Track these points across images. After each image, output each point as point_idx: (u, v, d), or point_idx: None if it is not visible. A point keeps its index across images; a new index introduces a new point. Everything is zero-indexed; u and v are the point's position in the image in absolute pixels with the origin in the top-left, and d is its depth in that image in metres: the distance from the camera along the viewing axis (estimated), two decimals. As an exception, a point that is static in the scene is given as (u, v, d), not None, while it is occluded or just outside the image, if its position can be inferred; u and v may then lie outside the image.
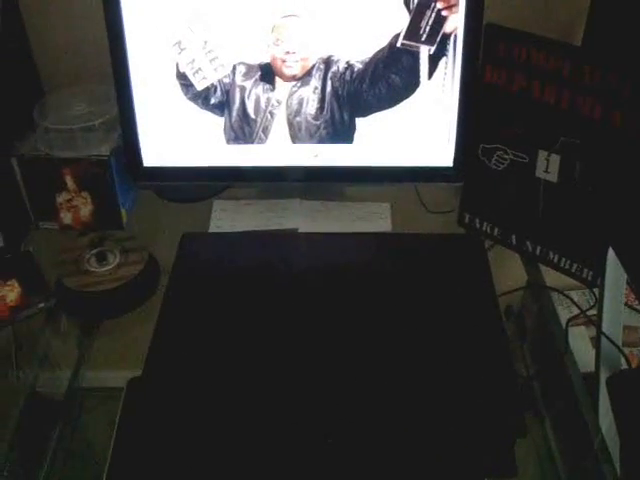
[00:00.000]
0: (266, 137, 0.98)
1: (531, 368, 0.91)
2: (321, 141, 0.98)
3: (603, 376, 0.81)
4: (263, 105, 0.96)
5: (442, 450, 0.71)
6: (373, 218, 1.06)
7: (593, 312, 0.91)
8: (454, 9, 0.90)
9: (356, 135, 0.98)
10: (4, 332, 0.90)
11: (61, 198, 1.01)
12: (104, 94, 1.00)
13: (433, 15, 0.90)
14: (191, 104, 0.96)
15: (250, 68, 0.94)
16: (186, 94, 0.95)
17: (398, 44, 0.92)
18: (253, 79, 0.95)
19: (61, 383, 0.88)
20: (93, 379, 0.90)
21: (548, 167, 0.89)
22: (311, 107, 0.96)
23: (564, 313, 0.94)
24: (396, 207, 1.07)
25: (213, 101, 0.96)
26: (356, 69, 0.93)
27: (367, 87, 0.94)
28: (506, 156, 0.92)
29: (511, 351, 0.80)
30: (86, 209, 1.02)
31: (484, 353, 0.77)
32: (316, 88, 0.95)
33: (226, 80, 0.94)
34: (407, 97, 0.95)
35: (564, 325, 0.90)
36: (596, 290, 0.91)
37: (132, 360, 0.80)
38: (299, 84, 0.95)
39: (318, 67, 0.94)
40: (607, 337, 0.82)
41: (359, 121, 0.97)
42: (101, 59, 0.93)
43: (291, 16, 0.91)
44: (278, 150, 0.99)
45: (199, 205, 1.10)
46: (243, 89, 0.95)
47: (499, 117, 0.91)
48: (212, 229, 1.05)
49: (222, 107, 0.96)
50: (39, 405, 0.87)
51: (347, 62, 0.93)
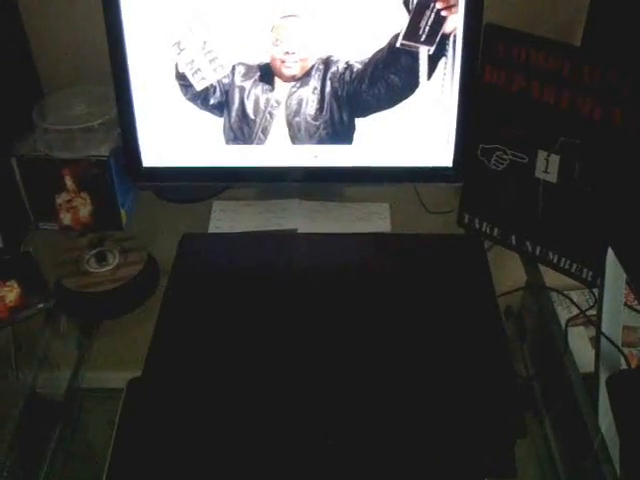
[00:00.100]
0: (265, 137, 0.98)
1: (531, 368, 0.91)
2: (320, 141, 0.98)
3: (603, 376, 0.81)
4: (262, 105, 0.96)
5: (442, 450, 0.71)
6: (372, 218, 1.06)
7: (593, 312, 0.91)
8: (453, 9, 0.90)
9: (355, 135, 0.98)
10: (3, 333, 0.90)
11: (60, 199, 1.01)
12: (103, 95, 1.00)
13: (432, 15, 0.90)
14: (190, 104, 0.96)
15: (249, 68, 0.94)
16: (185, 94, 0.95)
17: (397, 44, 0.92)
18: (252, 79, 0.95)
19: (61, 384, 0.88)
20: (93, 380, 0.90)
21: (547, 167, 0.89)
22: (310, 107, 0.96)
23: (564, 313, 0.94)
24: (395, 207, 1.07)
25: (212, 101, 0.96)
26: (355, 69, 0.93)
27: (366, 87, 0.94)
28: (505, 156, 0.92)
29: (511, 351, 0.80)
30: (85, 210, 1.02)
31: (484, 353, 0.77)
32: (315, 88, 0.95)
33: (225, 80, 0.94)
34: (406, 97, 0.95)
35: (564, 325, 0.90)
36: (595, 290, 0.91)
37: (132, 361, 0.80)
38: (298, 84, 0.95)
39: (317, 67, 0.94)
40: (607, 337, 0.82)
41: (358, 121, 0.97)
42: (100, 60, 0.93)
43: (290, 16, 0.91)
44: (277, 150, 0.99)
45: (198, 206, 1.10)
46: (242, 89, 0.95)
47: (498, 117, 0.91)
48: (211, 229, 1.05)
49: (221, 107, 0.96)
50: (39, 406, 0.87)
51: (346, 62, 0.93)
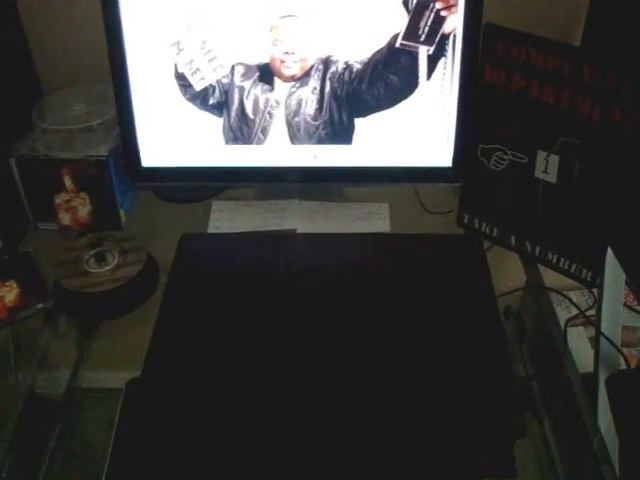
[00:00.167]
0: (265, 138, 0.98)
1: (530, 368, 0.91)
2: (320, 141, 0.98)
3: (602, 376, 0.81)
4: (262, 105, 0.96)
5: (441, 451, 0.71)
6: (372, 218, 1.06)
7: (592, 312, 0.91)
8: (453, 9, 0.90)
9: (355, 135, 0.97)
10: (3, 333, 0.90)
11: (60, 199, 1.01)
12: (102, 95, 1.00)
13: (432, 15, 0.90)
14: (190, 104, 0.96)
15: (249, 68, 0.94)
16: (185, 94, 0.95)
17: (397, 44, 0.92)
18: (252, 79, 0.94)
19: (60, 384, 0.88)
20: (92, 380, 0.89)
21: (547, 167, 0.89)
22: (310, 107, 0.96)
23: (563, 313, 0.94)
24: (395, 207, 1.07)
25: (212, 101, 0.96)
26: (355, 69, 0.93)
27: (366, 87, 0.94)
28: (505, 156, 0.92)
29: (510, 351, 0.79)
30: (85, 210, 1.02)
31: (483, 353, 0.77)
32: (315, 88, 0.95)
33: (225, 80, 0.94)
34: (406, 97, 0.95)
35: (563, 325, 0.90)
36: (595, 290, 0.91)
37: (131, 361, 0.80)
38: (298, 84, 0.95)
39: (317, 67, 0.94)
40: (606, 337, 0.82)
41: (358, 121, 0.97)
42: (99, 60, 0.93)
43: (289, 16, 0.91)
44: (277, 151, 0.99)
45: (198, 206, 1.10)
46: (242, 89, 0.95)
47: (498, 117, 0.90)
48: (211, 230, 1.05)
49: (221, 107, 0.96)
50: (38, 406, 0.87)
51: (346, 62, 0.93)
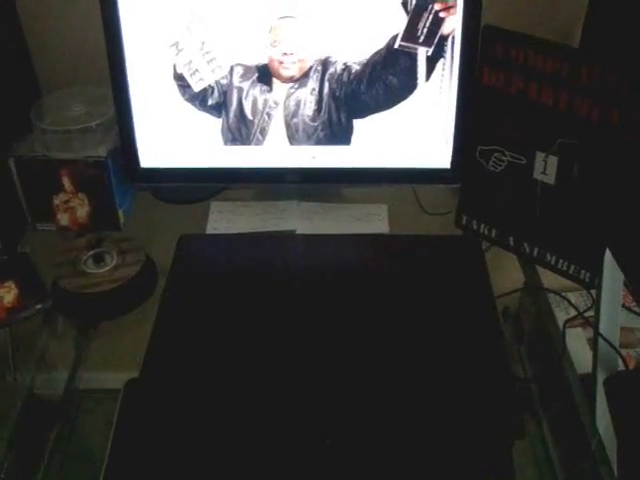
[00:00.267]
0: (263, 138, 0.98)
1: (528, 370, 0.91)
2: (318, 142, 0.98)
3: (600, 377, 0.81)
4: (260, 106, 0.96)
5: (440, 452, 0.71)
6: (371, 219, 1.06)
7: (590, 313, 0.91)
8: (452, 11, 0.90)
9: (354, 136, 0.98)
10: (1, 334, 0.89)
11: (58, 199, 1.01)
12: (101, 95, 1.00)
13: (431, 17, 0.90)
14: (188, 105, 0.96)
15: (247, 69, 0.94)
16: (183, 95, 0.95)
17: (396, 45, 0.92)
18: (250, 80, 0.95)
19: (58, 384, 0.88)
20: (90, 380, 0.89)
21: (546, 169, 0.89)
22: (308, 108, 0.96)
23: (561, 315, 0.94)
24: (394, 208, 1.07)
25: (210, 102, 0.96)
26: (354, 70, 0.93)
27: (365, 88, 0.94)
28: (504, 158, 0.92)
29: (508, 353, 0.79)
30: (83, 210, 1.02)
31: (482, 355, 0.77)
32: (313, 89, 0.95)
33: (223, 81, 0.94)
34: (405, 98, 0.95)
35: (561, 327, 0.90)
36: (593, 291, 0.92)
37: (129, 362, 0.80)
38: (296, 85, 0.95)
39: (315, 68, 0.94)
40: (604, 338, 0.82)
41: (356, 122, 0.97)
42: (98, 60, 0.93)
43: (288, 17, 0.91)
44: (275, 151, 0.99)
45: (196, 206, 1.10)
46: (240, 90, 0.95)
47: (497, 119, 0.91)
48: (209, 230, 1.04)
49: (219, 108, 0.96)
50: (36, 406, 0.87)
51: (344, 63, 0.93)
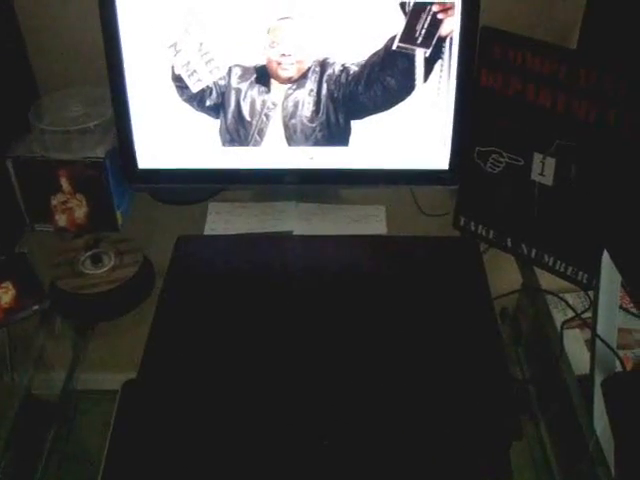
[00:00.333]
0: (261, 139, 0.98)
1: (526, 371, 0.91)
2: (316, 144, 0.98)
3: (598, 379, 0.81)
4: (258, 107, 0.96)
5: (438, 453, 0.71)
6: (369, 221, 1.06)
7: (588, 315, 0.91)
8: (450, 12, 0.90)
9: (352, 138, 0.98)
10: (-1, 334, 0.90)
11: (56, 200, 1.01)
12: (100, 96, 1.00)
13: (429, 18, 0.90)
14: (186, 106, 0.96)
15: (245, 70, 0.94)
16: (181, 96, 0.95)
17: (394, 47, 0.92)
18: (248, 81, 0.95)
19: (56, 385, 0.88)
20: (88, 381, 0.89)
21: (543, 170, 0.89)
22: (307, 109, 0.96)
23: (559, 316, 0.94)
24: (392, 210, 1.07)
25: (208, 103, 0.96)
26: (352, 72, 0.93)
27: (363, 90, 0.94)
28: (501, 159, 0.92)
29: (506, 354, 0.80)
30: (81, 211, 1.02)
31: (479, 356, 0.77)
32: (312, 90, 0.95)
33: (221, 82, 0.94)
34: (403, 100, 0.95)
35: (559, 328, 0.90)
36: (591, 293, 0.92)
37: (127, 362, 0.80)
38: (295, 86, 0.95)
39: (314, 69, 0.94)
40: (602, 340, 0.82)
41: (355, 124, 0.97)
42: (97, 61, 0.93)
43: (286, 18, 0.91)
44: (273, 152, 0.99)
45: (194, 207, 1.09)
46: (238, 91, 0.95)
47: (494, 120, 0.91)
48: (207, 231, 1.04)
49: (217, 109, 0.96)
50: (34, 407, 0.86)
51: (343, 65, 0.93)
